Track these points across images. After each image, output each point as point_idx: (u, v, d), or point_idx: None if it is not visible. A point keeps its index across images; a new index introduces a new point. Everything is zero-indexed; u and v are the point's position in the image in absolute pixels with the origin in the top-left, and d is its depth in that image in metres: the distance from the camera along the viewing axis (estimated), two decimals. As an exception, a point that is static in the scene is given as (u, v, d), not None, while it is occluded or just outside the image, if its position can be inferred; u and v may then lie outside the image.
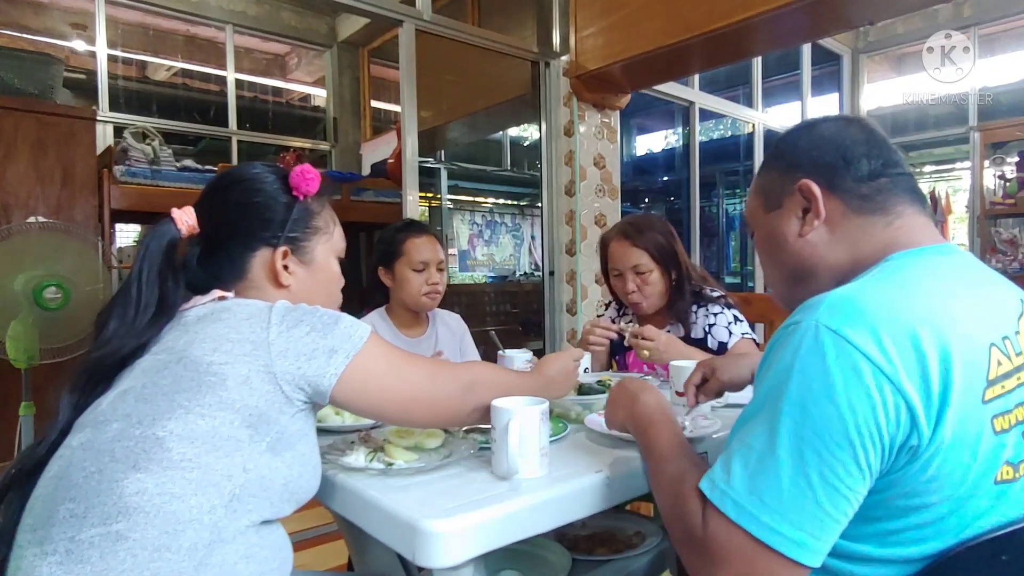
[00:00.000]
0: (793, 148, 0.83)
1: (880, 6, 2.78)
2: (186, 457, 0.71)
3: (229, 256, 0.92)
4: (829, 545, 0.63)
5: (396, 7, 2.88)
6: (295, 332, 0.79)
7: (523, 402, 0.92)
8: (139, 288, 0.85)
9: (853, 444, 0.60)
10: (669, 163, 6.14)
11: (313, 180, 0.95)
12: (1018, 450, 0.63)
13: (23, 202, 2.49)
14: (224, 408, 0.74)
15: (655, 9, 2.95)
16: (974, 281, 0.72)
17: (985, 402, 0.62)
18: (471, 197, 6.12)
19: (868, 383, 0.60)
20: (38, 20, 4.11)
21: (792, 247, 0.82)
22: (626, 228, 1.74)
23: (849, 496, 0.61)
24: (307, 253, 0.96)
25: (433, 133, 4.71)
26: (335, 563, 2.03)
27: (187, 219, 0.92)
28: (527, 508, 0.81)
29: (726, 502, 0.64)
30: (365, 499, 0.84)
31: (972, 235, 5.18)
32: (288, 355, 0.78)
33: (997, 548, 0.62)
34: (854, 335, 0.61)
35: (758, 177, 0.89)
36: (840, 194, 0.78)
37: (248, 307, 0.82)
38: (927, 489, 0.62)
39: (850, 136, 0.80)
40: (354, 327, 0.83)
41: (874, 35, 5.69)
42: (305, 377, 0.78)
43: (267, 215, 0.93)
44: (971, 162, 5.14)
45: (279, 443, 0.77)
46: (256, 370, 0.76)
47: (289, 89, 5.53)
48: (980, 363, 0.63)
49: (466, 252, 6.04)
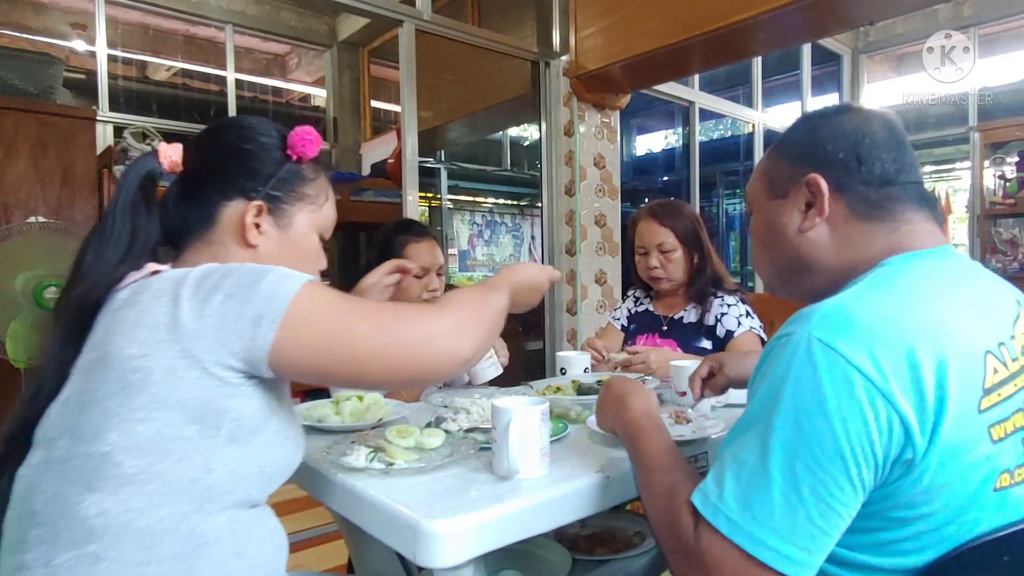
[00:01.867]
0: (809, 137, 0.80)
1: (880, 6, 2.78)
2: (139, 469, 0.65)
3: (203, 201, 0.84)
4: (822, 559, 0.62)
5: (396, 7, 2.88)
6: (210, 304, 0.68)
7: (523, 402, 0.92)
8: (112, 219, 0.79)
9: (845, 460, 0.60)
10: (669, 163, 6.14)
11: (312, 142, 0.88)
12: (1016, 456, 0.63)
13: (23, 202, 2.48)
14: (159, 407, 0.66)
15: (655, 9, 2.95)
16: (971, 285, 0.71)
17: (981, 411, 0.61)
18: (471, 197, 6.12)
19: (861, 398, 0.59)
20: (38, 20, 4.11)
21: (790, 241, 0.80)
22: (655, 208, 1.81)
23: (841, 511, 0.61)
24: (286, 217, 0.86)
25: (433, 133, 4.71)
26: (335, 563, 2.03)
27: (172, 154, 0.85)
28: (527, 508, 0.81)
29: (719, 517, 0.64)
30: (365, 499, 0.84)
31: (972, 235, 5.18)
32: (206, 334, 0.67)
33: (999, 549, 0.62)
34: (847, 349, 0.60)
35: (767, 159, 0.86)
36: (847, 196, 0.76)
37: (164, 281, 0.72)
38: (923, 500, 0.61)
39: (870, 134, 0.77)
40: (279, 282, 0.70)
41: (874, 35, 5.69)
42: (233, 353, 0.68)
43: (253, 165, 0.85)
44: (971, 162, 5.14)
45: (240, 431, 0.70)
46: (177, 357, 0.67)
47: (289, 89, 5.53)
48: (976, 373, 0.62)
49: (466, 252, 6.04)
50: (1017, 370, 0.65)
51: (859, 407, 0.59)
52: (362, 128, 5.36)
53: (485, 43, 3.30)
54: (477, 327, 0.78)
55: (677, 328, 1.79)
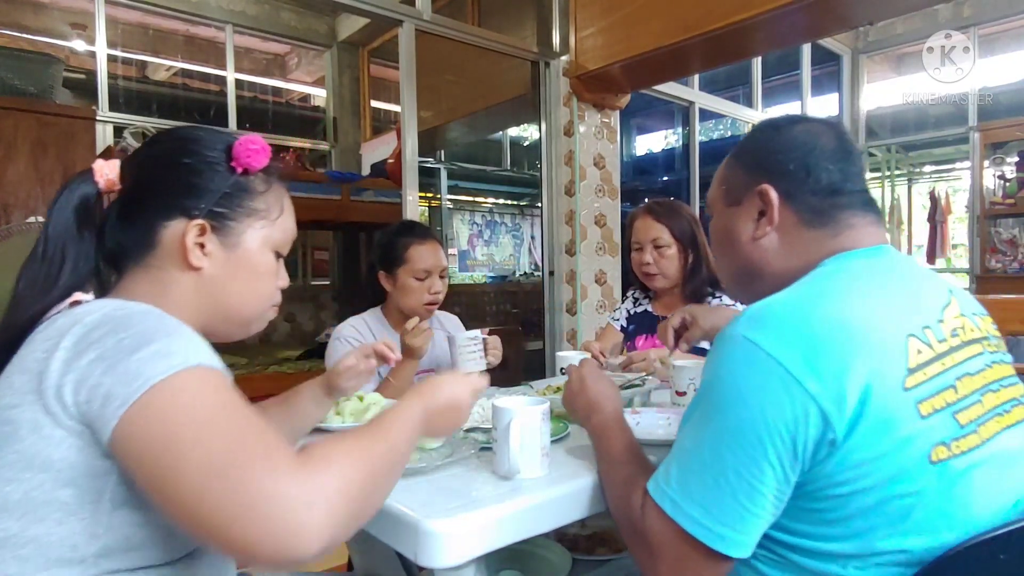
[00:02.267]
0: (762, 147, 0.85)
1: (880, 6, 2.79)
2: (10, 533, 0.57)
3: (140, 222, 0.76)
4: (752, 538, 0.68)
5: (396, 7, 2.88)
6: (79, 361, 0.59)
7: (524, 402, 0.92)
8: (44, 244, 0.73)
9: (764, 443, 0.65)
10: (669, 163, 6.13)
11: (258, 152, 0.78)
12: (950, 430, 0.66)
13: (23, 202, 2.49)
14: (26, 468, 0.58)
15: (655, 9, 2.95)
16: (899, 277, 0.76)
17: (907, 389, 0.65)
18: (471, 197, 6.12)
19: (777, 387, 0.65)
20: (38, 20, 4.11)
21: (744, 247, 0.85)
22: (652, 205, 1.84)
23: (765, 492, 0.66)
24: (233, 235, 0.77)
25: (433, 133, 4.71)
26: (335, 563, 2.03)
27: (108, 172, 0.77)
28: (528, 508, 0.82)
29: (664, 499, 0.71)
30: (366, 499, 0.84)
31: (972, 235, 5.18)
32: (64, 392, 0.58)
33: (996, 547, 0.63)
34: (766, 342, 0.67)
35: (724, 167, 0.91)
36: (796, 205, 0.81)
37: (65, 319, 0.63)
38: (856, 476, 0.64)
39: (819, 145, 0.81)
40: (151, 360, 0.58)
41: (874, 35, 5.69)
42: (83, 423, 0.58)
43: (193, 180, 0.76)
44: (971, 162, 5.15)
45: (133, 494, 0.60)
46: (40, 412, 0.58)
47: (289, 89, 5.53)
48: (897, 354, 0.67)
49: (466, 252, 6.04)
50: (944, 351, 0.69)
51: (776, 396, 0.65)
52: (362, 128, 5.36)
53: (485, 43, 3.30)
54: (344, 506, 0.57)
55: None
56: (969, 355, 0.72)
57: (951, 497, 0.65)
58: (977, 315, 0.78)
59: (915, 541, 0.65)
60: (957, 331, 0.73)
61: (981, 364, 0.72)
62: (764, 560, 0.73)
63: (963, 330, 0.74)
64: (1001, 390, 0.73)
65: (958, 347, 0.71)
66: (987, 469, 0.67)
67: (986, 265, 5.07)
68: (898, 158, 6.11)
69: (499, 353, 1.65)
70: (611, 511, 0.84)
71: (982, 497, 0.66)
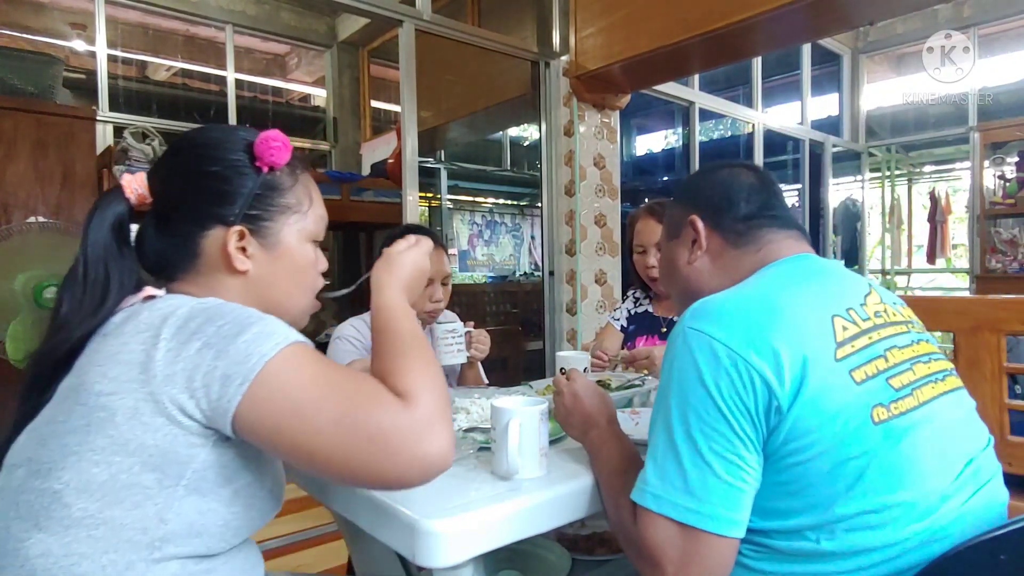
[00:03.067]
0: (693, 188, 1.00)
1: (880, 6, 2.78)
2: (88, 513, 0.62)
3: (179, 235, 0.78)
4: (743, 515, 0.72)
5: (396, 7, 2.88)
6: (186, 350, 0.63)
7: (523, 402, 0.92)
8: (84, 266, 0.74)
9: (726, 416, 0.71)
10: (669, 163, 6.13)
11: (280, 149, 0.79)
12: (885, 393, 0.73)
13: (23, 202, 2.48)
14: (118, 451, 0.62)
15: (655, 9, 2.95)
16: (820, 275, 0.85)
17: (838, 360, 0.73)
18: (471, 197, 6.12)
19: (725, 363, 0.72)
20: (38, 20, 4.11)
21: (682, 272, 0.97)
22: (653, 207, 1.83)
23: (740, 464, 0.71)
24: (271, 235, 0.80)
25: (433, 133, 4.71)
26: (335, 563, 2.03)
27: (137, 187, 0.79)
28: (527, 508, 0.81)
29: (646, 497, 0.74)
30: (365, 499, 0.84)
31: (972, 235, 5.18)
32: (176, 380, 0.63)
33: (995, 547, 0.63)
34: (709, 328, 0.75)
35: (667, 207, 1.06)
36: (721, 231, 0.93)
37: (153, 313, 0.67)
38: (809, 442, 0.70)
39: (738, 183, 0.94)
40: (258, 341, 0.64)
41: (874, 35, 5.69)
42: (200, 409, 0.63)
43: (223, 187, 0.77)
44: (971, 162, 5.15)
45: (205, 481, 0.65)
46: (144, 400, 0.63)
47: (289, 89, 5.53)
48: (824, 331, 0.75)
49: (466, 252, 6.05)
50: (869, 327, 0.78)
51: (724, 370, 0.72)
52: (362, 128, 5.36)
53: (485, 43, 3.30)
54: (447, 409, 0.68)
55: None
56: (894, 332, 0.80)
57: (899, 454, 0.70)
58: (898, 304, 0.88)
59: (874, 501, 0.69)
60: (880, 313, 0.81)
61: (908, 340, 0.81)
62: (744, 553, 0.75)
63: (885, 313, 0.82)
64: (931, 362, 0.81)
65: (882, 325, 0.79)
66: (930, 429, 0.73)
67: (986, 265, 5.07)
68: (898, 158, 6.11)
69: (485, 347, 1.64)
70: (611, 526, 0.85)
71: (929, 456, 0.72)
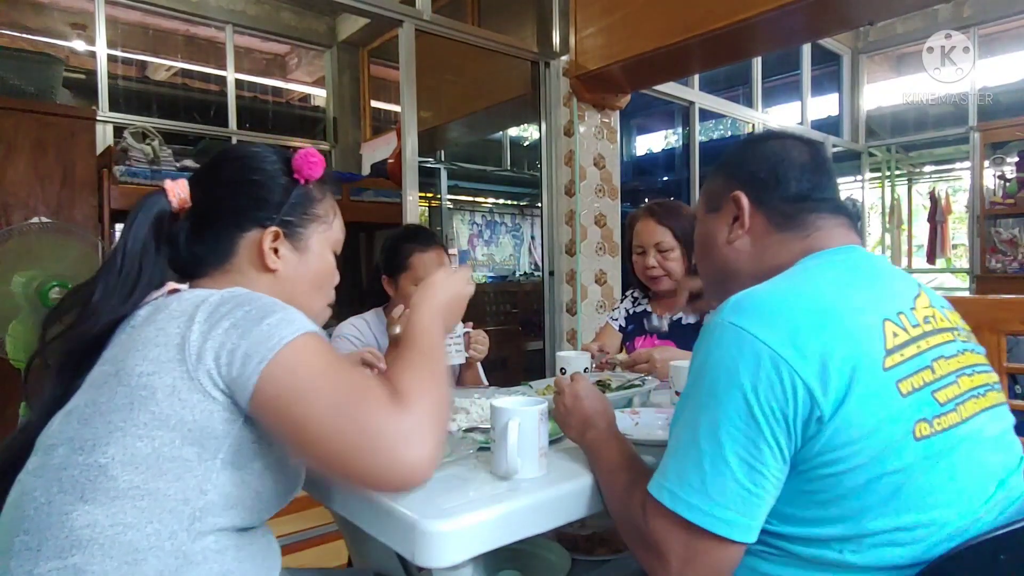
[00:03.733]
0: (738, 158, 0.91)
1: (880, 6, 2.78)
2: (133, 484, 0.66)
3: (217, 235, 0.86)
4: (757, 521, 0.69)
5: (396, 7, 2.88)
6: (216, 330, 0.69)
7: (523, 402, 0.92)
8: (122, 259, 0.81)
9: (759, 423, 0.67)
10: (669, 163, 6.13)
11: (317, 164, 0.89)
12: (930, 408, 0.69)
13: (23, 202, 2.49)
14: (160, 426, 0.67)
15: (655, 9, 2.95)
16: (870, 271, 0.80)
17: (886, 370, 0.68)
18: (471, 197, 6.12)
19: (766, 366, 0.67)
20: (38, 20, 4.11)
21: (720, 250, 0.90)
22: (653, 207, 1.81)
23: (765, 472, 0.67)
24: (301, 240, 0.89)
25: (433, 133, 4.71)
26: (335, 563, 2.03)
27: (180, 192, 0.87)
28: (527, 508, 0.81)
29: (663, 493, 0.72)
30: (365, 499, 0.84)
31: (972, 235, 5.18)
32: (206, 358, 0.68)
33: (996, 547, 0.63)
34: (752, 327, 0.69)
35: (707, 179, 0.97)
36: (766, 210, 0.86)
37: (185, 302, 0.73)
38: (847, 454, 0.66)
39: (789, 157, 0.86)
40: (279, 325, 0.70)
41: (874, 35, 5.69)
42: (225, 384, 0.68)
43: (263, 195, 0.87)
44: (971, 162, 5.15)
45: (240, 455, 0.70)
46: (180, 378, 0.68)
47: (289, 89, 5.52)
48: (875, 336, 0.70)
49: (466, 252, 6.04)
50: (919, 335, 0.73)
51: (766, 375, 0.67)
52: (362, 128, 5.35)
53: (485, 43, 3.30)
54: (439, 426, 0.72)
55: (676, 329, 1.79)
56: (942, 341, 0.75)
57: (937, 472, 0.67)
58: (946, 308, 0.82)
59: (907, 519, 0.66)
60: (929, 319, 0.76)
61: (954, 350, 0.76)
62: (762, 556, 0.73)
63: (934, 319, 0.77)
64: (975, 375, 0.76)
65: (931, 332, 0.75)
66: (969, 447, 0.70)
67: (986, 265, 5.07)
68: (898, 158, 6.11)
69: (484, 348, 1.64)
70: (615, 521, 0.84)
71: (966, 476, 0.68)
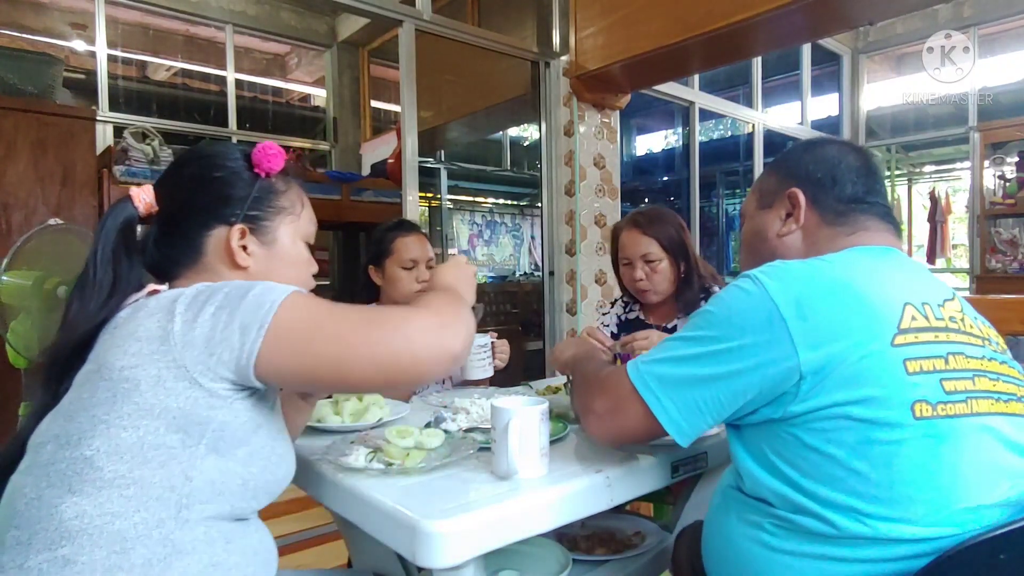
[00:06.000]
0: (796, 159, 0.96)
1: (880, 6, 2.78)
2: (118, 474, 0.67)
3: (184, 236, 0.87)
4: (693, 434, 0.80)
5: (396, 7, 2.88)
6: (201, 317, 0.71)
7: (523, 402, 0.92)
8: (94, 269, 0.82)
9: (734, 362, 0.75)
10: (669, 163, 6.14)
11: (276, 157, 0.90)
12: (935, 393, 0.71)
13: (23, 202, 2.49)
14: (144, 416, 0.69)
15: (655, 9, 2.95)
16: (904, 267, 0.84)
17: (895, 345, 0.71)
18: (471, 197, 6.13)
19: (762, 318, 0.74)
20: (38, 20, 4.11)
21: (771, 243, 0.95)
22: (637, 218, 1.76)
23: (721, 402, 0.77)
24: (268, 233, 0.89)
25: (433, 133, 4.71)
26: (335, 563, 2.03)
27: (145, 197, 0.87)
28: (527, 508, 0.81)
29: (633, 368, 0.83)
30: (365, 499, 0.84)
31: (972, 235, 5.18)
32: (195, 344, 0.70)
33: (995, 547, 0.63)
34: (770, 284, 0.76)
35: (760, 178, 1.02)
36: (819, 208, 0.91)
37: (161, 299, 0.75)
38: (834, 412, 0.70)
39: (846, 162, 0.91)
40: (265, 292, 0.73)
41: (874, 35, 5.69)
42: (223, 363, 0.70)
43: (225, 191, 0.87)
44: (971, 162, 5.14)
45: (222, 442, 0.72)
46: (166, 367, 0.69)
47: (289, 89, 5.52)
48: (891, 315, 0.74)
49: (466, 252, 6.05)
50: (940, 327, 0.76)
51: (759, 324, 0.74)
52: (362, 128, 5.35)
53: (485, 43, 3.30)
54: (462, 321, 0.79)
55: None
56: (966, 341, 0.77)
57: (936, 456, 0.68)
58: (980, 319, 0.84)
59: (901, 491, 0.67)
60: (955, 319, 0.78)
61: (979, 354, 0.77)
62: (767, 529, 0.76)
63: (962, 323, 0.78)
64: (999, 381, 0.76)
65: (954, 331, 0.76)
66: (979, 441, 0.70)
67: (986, 265, 5.07)
68: (898, 158, 6.11)
69: (506, 356, 1.64)
70: (576, 403, 0.99)
71: (972, 466, 0.69)
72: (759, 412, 0.76)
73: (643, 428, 0.82)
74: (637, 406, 0.81)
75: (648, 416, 0.80)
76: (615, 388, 0.85)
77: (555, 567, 1.13)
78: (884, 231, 0.89)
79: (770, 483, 0.75)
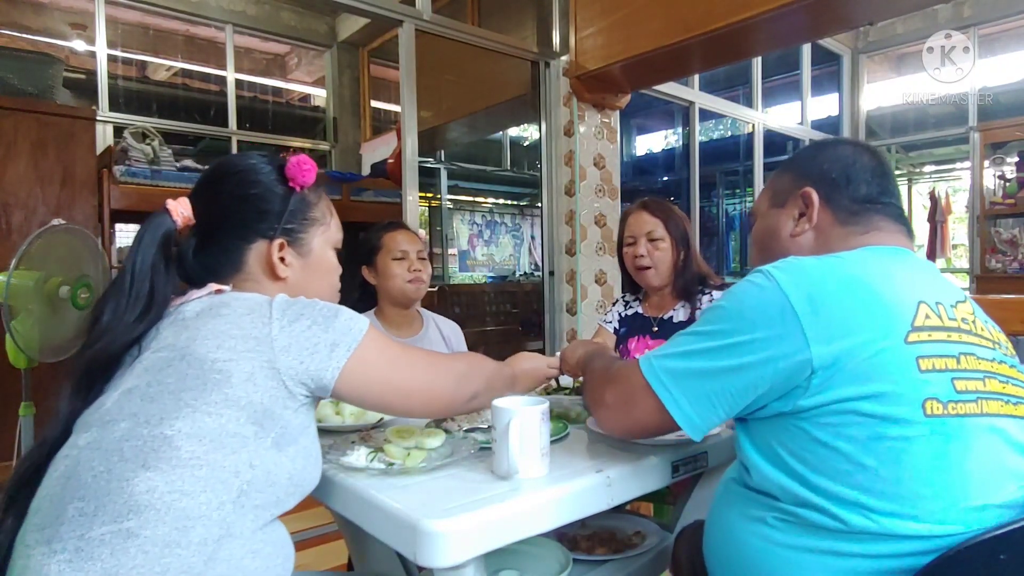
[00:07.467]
0: (810, 159, 0.96)
1: (880, 6, 2.78)
2: (195, 455, 0.71)
3: (225, 249, 0.91)
4: (706, 426, 0.80)
5: (396, 7, 2.88)
6: (296, 326, 0.80)
7: (523, 402, 0.92)
8: (131, 280, 0.85)
9: (744, 355, 0.74)
10: (669, 163, 6.13)
11: (310, 171, 0.94)
12: (946, 391, 0.70)
13: (23, 202, 2.49)
14: (230, 405, 0.74)
15: (655, 9, 2.95)
16: (917, 267, 0.84)
17: (908, 343, 0.71)
18: (471, 197, 6.13)
19: (775, 312, 0.74)
20: (38, 20, 4.11)
21: (783, 243, 0.94)
22: (646, 201, 1.86)
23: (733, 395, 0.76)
24: (304, 245, 0.95)
25: (433, 133, 4.72)
26: (335, 563, 2.03)
27: (183, 210, 0.91)
28: (527, 508, 0.81)
29: (645, 361, 0.83)
30: (366, 499, 0.84)
31: (972, 235, 5.18)
32: (291, 350, 0.78)
33: (996, 547, 0.63)
34: (783, 279, 0.76)
35: (773, 177, 1.01)
36: (833, 207, 0.90)
37: (247, 301, 0.82)
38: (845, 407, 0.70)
39: (860, 162, 0.91)
40: (353, 320, 0.83)
41: (874, 35, 5.69)
42: (308, 372, 0.79)
43: (263, 207, 0.92)
44: (971, 162, 5.15)
45: (283, 438, 0.78)
46: (260, 366, 0.77)
47: (289, 89, 5.53)
48: (905, 313, 0.73)
49: (466, 252, 6.05)
50: (952, 327, 0.75)
51: (771, 318, 0.74)
52: (362, 128, 5.36)
53: (485, 43, 3.30)
54: (480, 402, 0.96)
55: (667, 328, 1.79)
56: (977, 343, 0.76)
57: (945, 454, 0.68)
58: (990, 323, 0.84)
59: (908, 487, 0.67)
60: (967, 321, 0.78)
61: (990, 355, 0.76)
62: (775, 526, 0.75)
63: (974, 325, 0.78)
64: (1008, 384, 0.75)
65: (966, 332, 0.76)
66: (988, 442, 0.70)
67: (986, 265, 5.07)
68: (898, 158, 6.11)
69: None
70: (586, 396, 1.01)
71: (980, 466, 0.69)
72: (769, 406, 0.76)
73: (655, 422, 0.83)
74: (649, 400, 0.81)
75: (660, 410, 0.81)
76: (627, 382, 0.85)
77: (555, 567, 1.13)
78: (897, 232, 0.89)
79: (776, 477, 0.75)
